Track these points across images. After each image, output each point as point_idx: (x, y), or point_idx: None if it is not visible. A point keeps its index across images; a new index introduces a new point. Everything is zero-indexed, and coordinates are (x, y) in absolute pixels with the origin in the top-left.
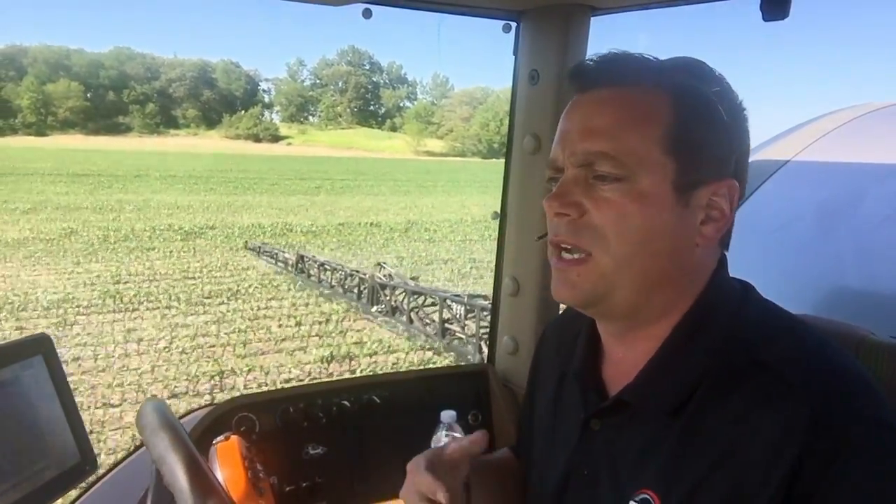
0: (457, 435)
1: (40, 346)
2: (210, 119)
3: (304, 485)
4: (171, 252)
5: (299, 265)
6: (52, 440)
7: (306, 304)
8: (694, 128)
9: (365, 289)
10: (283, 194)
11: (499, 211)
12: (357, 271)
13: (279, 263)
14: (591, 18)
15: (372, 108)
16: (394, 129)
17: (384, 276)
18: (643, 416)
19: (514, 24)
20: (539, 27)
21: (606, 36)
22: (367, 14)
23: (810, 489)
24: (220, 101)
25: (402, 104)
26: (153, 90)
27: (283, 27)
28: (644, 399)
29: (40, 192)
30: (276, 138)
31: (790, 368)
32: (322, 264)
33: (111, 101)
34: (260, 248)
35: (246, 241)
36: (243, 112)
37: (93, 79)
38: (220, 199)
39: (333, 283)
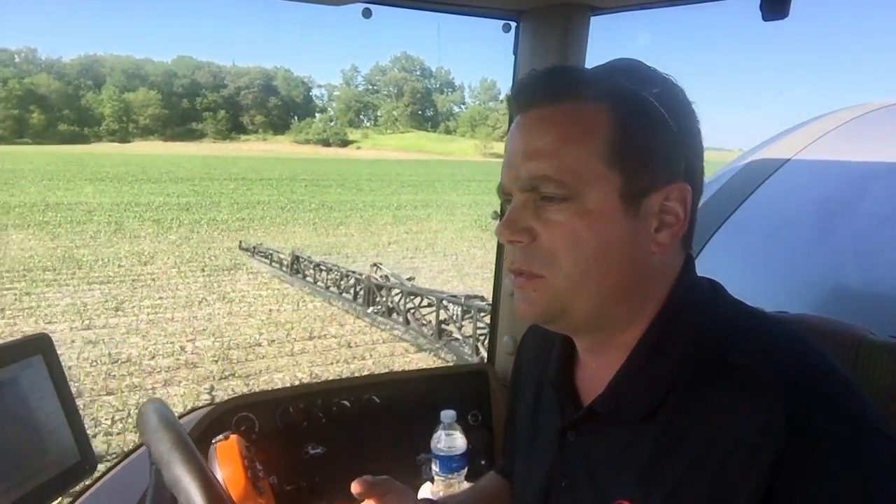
0: (457, 437)
1: (40, 346)
2: (276, 125)
3: (304, 484)
4: None
5: (294, 266)
6: (51, 440)
7: None
8: (635, 135)
9: (361, 290)
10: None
11: (498, 211)
12: (353, 272)
13: (274, 264)
14: (591, 18)
15: (425, 112)
16: (448, 132)
17: (380, 276)
18: (617, 424)
19: (513, 24)
20: (539, 27)
21: (606, 36)
22: (366, 14)
23: (788, 489)
24: (284, 108)
25: (454, 109)
26: (222, 97)
27: (330, 33)
28: (615, 408)
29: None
30: (344, 143)
31: (762, 368)
32: (317, 265)
33: (185, 108)
34: (254, 248)
35: (240, 242)
36: (310, 118)
37: (167, 87)
38: (476, 199)
39: (329, 284)
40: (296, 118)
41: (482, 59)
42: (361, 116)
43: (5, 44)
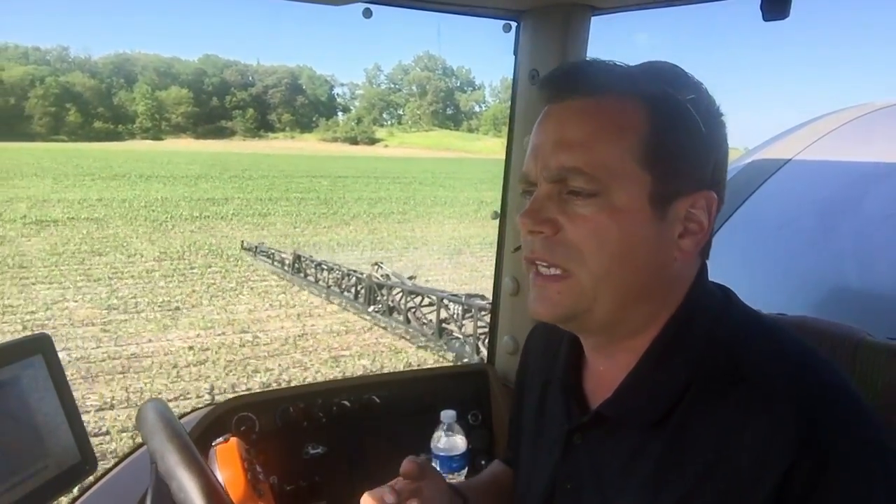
0: (457, 437)
1: (40, 346)
2: (302, 123)
3: (304, 485)
4: None
5: (296, 265)
6: (52, 440)
7: None
8: (669, 138)
9: (362, 288)
10: None
11: (498, 211)
12: (354, 271)
13: (276, 263)
14: (592, 18)
15: (446, 110)
16: (470, 130)
17: (381, 275)
18: (626, 429)
19: (514, 24)
20: (539, 27)
21: (606, 36)
22: (367, 14)
23: (796, 502)
24: (310, 106)
25: (476, 108)
26: (250, 96)
27: (348, 33)
28: (623, 414)
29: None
30: (372, 140)
31: (774, 380)
32: (319, 264)
33: (215, 106)
34: (256, 247)
35: (242, 242)
36: (335, 116)
37: (197, 85)
38: None
39: (330, 283)
40: (322, 117)
41: (502, 57)
42: (385, 115)
43: (37, 42)
